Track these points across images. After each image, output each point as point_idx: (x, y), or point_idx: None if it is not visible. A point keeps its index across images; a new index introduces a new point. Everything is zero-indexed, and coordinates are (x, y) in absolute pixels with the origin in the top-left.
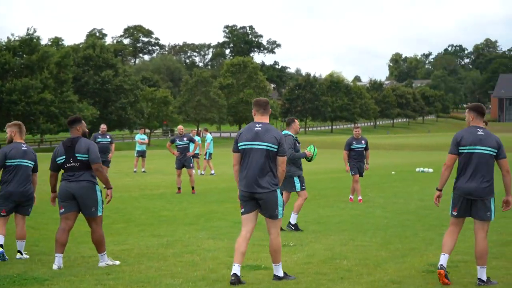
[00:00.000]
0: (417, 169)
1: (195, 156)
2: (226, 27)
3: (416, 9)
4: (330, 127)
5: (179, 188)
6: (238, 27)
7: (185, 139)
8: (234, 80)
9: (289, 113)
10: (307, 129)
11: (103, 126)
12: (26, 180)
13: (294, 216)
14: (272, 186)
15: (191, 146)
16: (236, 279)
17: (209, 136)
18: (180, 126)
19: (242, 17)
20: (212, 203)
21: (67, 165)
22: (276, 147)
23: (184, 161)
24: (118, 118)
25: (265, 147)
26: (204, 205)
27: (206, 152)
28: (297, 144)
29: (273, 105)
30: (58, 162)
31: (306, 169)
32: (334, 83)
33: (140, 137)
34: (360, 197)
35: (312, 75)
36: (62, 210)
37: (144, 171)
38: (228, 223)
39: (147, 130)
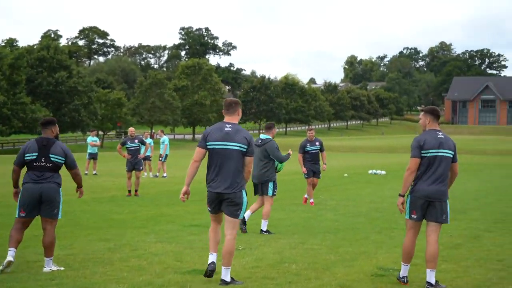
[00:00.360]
0: (370, 171)
1: (147, 158)
2: (182, 28)
3: (371, 12)
4: (284, 129)
5: (129, 191)
6: (194, 29)
7: (136, 141)
8: (189, 82)
9: (244, 115)
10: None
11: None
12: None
13: (265, 223)
14: (239, 187)
15: (143, 148)
16: (212, 268)
17: (165, 138)
18: (131, 128)
19: (198, 19)
20: (162, 206)
21: (37, 163)
22: (246, 147)
23: (134, 164)
24: (71, 120)
25: (236, 148)
26: (154, 208)
27: (165, 155)
28: None
29: None
30: (26, 158)
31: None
32: (288, 85)
33: (92, 139)
34: (312, 200)
35: (267, 77)
36: (23, 214)
37: (95, 174)
38: (177, 226)
39: (101, 132)
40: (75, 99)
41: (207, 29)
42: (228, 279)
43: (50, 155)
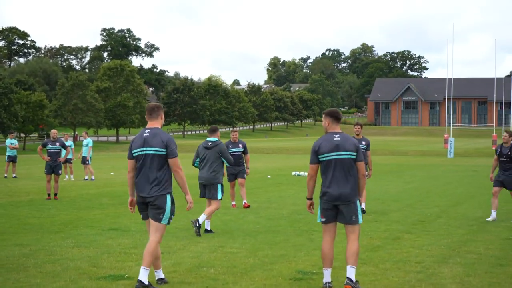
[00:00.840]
0: (293, 173)
1: (68, 161)
2: (104, 30)
3: (294, 13)
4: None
5: (48, 194)
6: (116, 30)
7: (57, 144)
8: (111, 84)
9: (168, 117)
10: (185, 133)
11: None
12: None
13: (208, 222)
14: (162, 191)
15: (64, 152)
16: (140, 285)
17: (89, 140)
18: (53, 130)
19: (120, 20)
20: (81, 210)
21: None
22: (164, 150)
23: (54, 167)
24: None
25: (153, 152)
26: (73, 212)
27: (89, 157)
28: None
29: None
30: None
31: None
32: (212, 87)
33: (10, 142)
34: (245, 201)
35: (191, 78)
36: None
37: (15, 177)
38: (96, 230)
39: (22, 135)
40: None
41: (129, 31)
42: (145, 281)
43: None
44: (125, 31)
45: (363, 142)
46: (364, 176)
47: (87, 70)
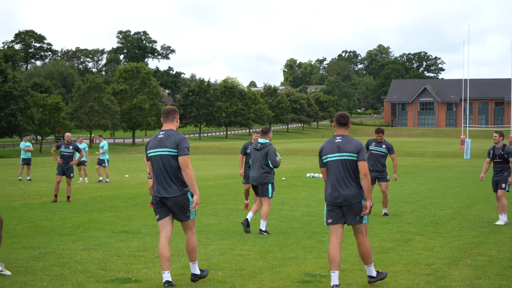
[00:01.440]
0: (308, 175)
1: (82, 163)
2: (120, 32)
3: (310, 15)
4: (224, 133)
5: (55, 196)
6: (132, 33)
7: (71, 147)
8: (127, 86)
9: (184, 119)
10: (202, 135)
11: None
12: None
13: (264, 223)
14: (181, 190)
15: (77, 155)
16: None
17: (105, 143)
18: (67, 134)
19: (136, 23)
20: (93, 212)
21: None
22: (175, 150)
23: (65, 169)
24: (7, 125)
25: (166, 153)
26: (85, 214)
27: (105, 159)
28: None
29: None
30: None
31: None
32: (228, 89)
33: (25, 144)
34: None
35: (207, 80)
36: None
37: (29, 179)
38: (106, 233)
39: (39, 137)
40: (11, 103)
41: (145, 33)
42: (197, 272)
43: None
44: (141, 33)
45: (383, 146)
46: (365, 176)
47: (103, 73)
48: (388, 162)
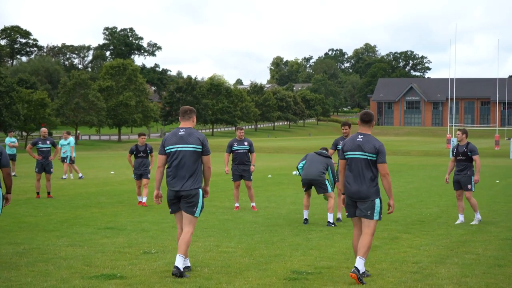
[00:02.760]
0: (294, 172)
1: (68, 159)
2: (106, 29)
3: (297, 13)
4: (211, 130)
5: (37, 193)
6: (118, 29)
7: (48, 142)
8: (113, 83)
9: (170, 116)
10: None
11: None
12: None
13: (331, 215)
14: (196, 185)
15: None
16: (177, 271)
17: (71, 140)
18: (43, 129)
19: (122, 19)
20: (78, 208)
21: None
22: (200, 147)
23: (45, 165)
24: None
25: (191, 149)
26: (70, 211)
27: (68, 156)
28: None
29: (153, 108)
30: None
31: None
32: (214, 86)
33: (10, 140)
34: (253, 204)
35: (194, 78)
36: None
37: (14, 175)
38: (91, 229)
39: (24, 133)
40: None
41: (131, 30)
42: (181, 266)
43: None
44: (128, 30)
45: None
46: (385, 176)
47: (89, 69)
48: None
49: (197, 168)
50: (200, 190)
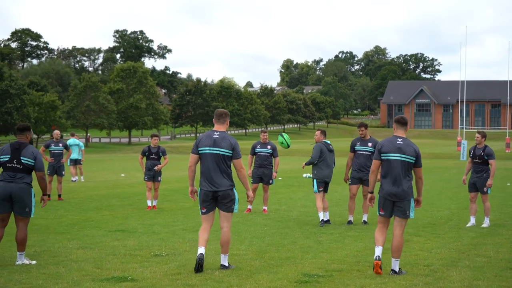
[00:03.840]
0: (304, 175)
1: (78, 162)
2: (116, 31)
3: (307, 15)
4: None
5: (48, 195)
6: (128, 32)
7: (60, 145)
8: (123, 85)
9: (180, 119)
10: (198, 135)
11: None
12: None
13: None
14: (229, 185)
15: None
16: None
17: (71, 141)
18: (56, 131)
19: (133, 22)
20: (89, 211)
21: (9, 164)
22: (231, 152)
23: (57, 168)
24: (3, 123)
25: (222, 153)
26: (80, 213)
27: (69, 159)
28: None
29: (164, 111)
30: (1, 160)
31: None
32: (224, 89)
33: None
34: (265, 207)
35: (203, 80)
36: None
37: None
38: (102, 231)
39: (35, 136)
40: (7, 102)
41: (141, 32)
42: (226, 263)
43: (21, 158)
44: (138, 32)
45: (369, 144)
46: (421, 179)
47: (99, 72)
48: None
49: (230, 170)
50: (234, 188)
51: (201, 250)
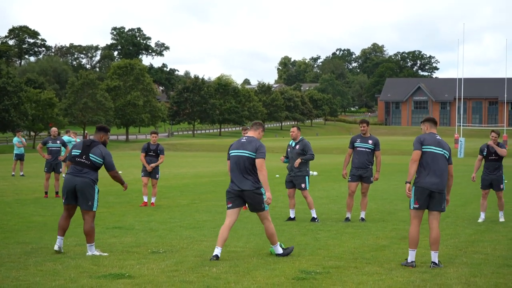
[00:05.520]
0: (311, 173)
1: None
2: (114, 29)
3: (305, 13)
4: (218, 130)
5: (46, 193)
6: (126, 29)
7: (58, 142)
8: (121, 83)
9: (177, 116)
10: (195, 132)
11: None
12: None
13: (313, 211)
14: (254, 185)
15: (63, 150)
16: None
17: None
18: (53, 129)
19: (130, 19)
20: None
21: (79, 159)
22: (254, 154)
23: (54, 165)
24: (1, 121)
25: (246, 154)
26: (78, 210)
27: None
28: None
29: (161, 108)
30: (72, 154)
31: (186, 173)
32: (222, 86)
33: (18, 140)
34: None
35: (201, 78)
36: (64, 201)
37: (22, 175)
38: (99, 228)
39: (32, 133)
40: (4, 99)
41: (139, 29)
42: (280, 251)
43: (90, 155)
44: (135, 30)
45: (370, 141)
46: (452, 177)
47: (97, 69)
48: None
49: (255, 171)
50: (262, 189)
51: (217, 250)
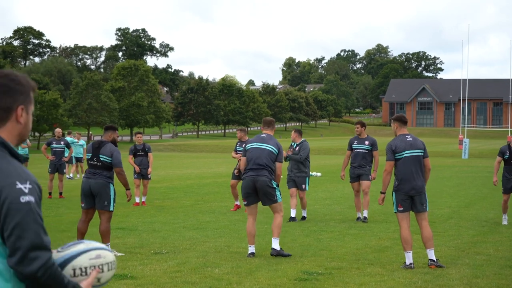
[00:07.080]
0: (313, 173)
1: (79, 160)
2: (119, 29)
3: (309, 13)
4: (223, 131)
5: (50, 193)
6: (130, 30)
7: (62, 143)
8: (125, 83)
9: (182, 117)
10: (200, 133)
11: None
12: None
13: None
14: (268, 177)
15: (67, 151)
16: (275, 252)
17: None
18: (58, 130)
19: (135, 20)
20: None
21: (91, 162)
22: (276, 151)
23: (58, 166)
24: None
25: (269, 148)
26: (81, 211)
27: (73, 157)
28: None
29: (166, 109)
30: (86, 158)
31: (190, 173)
32: (226, 87)
33: None
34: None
35: (205, 78)
36: (83, 205)
37: None
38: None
39: (36, 134)
40: None
41: (144, 30)
42: (277, 247)
43: (100, 156)
44: (140, 31)
45: (366, 142)
46: (430, 170)
47: (101, 70)
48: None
49: (272, 166)
50: (273, 181)
51: (251, 249)
